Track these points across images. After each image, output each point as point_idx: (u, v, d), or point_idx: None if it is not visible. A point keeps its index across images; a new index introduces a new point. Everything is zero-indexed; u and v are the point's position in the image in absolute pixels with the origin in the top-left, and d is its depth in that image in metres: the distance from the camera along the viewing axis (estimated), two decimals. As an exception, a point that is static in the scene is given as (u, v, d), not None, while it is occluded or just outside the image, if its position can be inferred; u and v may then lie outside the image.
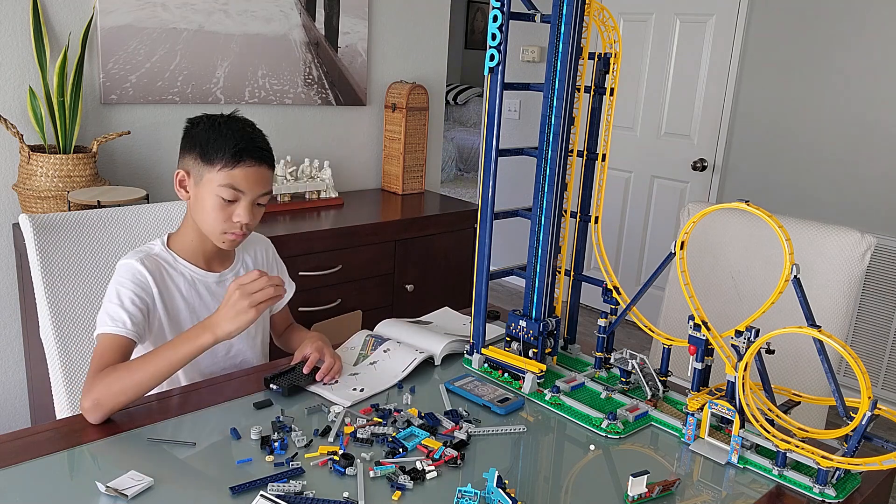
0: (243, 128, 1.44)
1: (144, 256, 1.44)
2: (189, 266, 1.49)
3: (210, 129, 1.42)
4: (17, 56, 2.24)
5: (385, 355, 1.54)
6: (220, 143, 1.39)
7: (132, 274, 1.42)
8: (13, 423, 2.44)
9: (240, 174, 1.40)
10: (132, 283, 1.41)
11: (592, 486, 1.18)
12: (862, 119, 3.23)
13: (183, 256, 1.50)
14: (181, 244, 1.50)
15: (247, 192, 1.42)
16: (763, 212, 1.20)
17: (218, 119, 1.44)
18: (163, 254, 1.48)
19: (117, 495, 1.05)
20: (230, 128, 1.42)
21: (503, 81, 1.41)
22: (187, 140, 1.45)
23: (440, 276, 2.87)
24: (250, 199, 1.43)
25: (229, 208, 1.42)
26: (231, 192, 1.40)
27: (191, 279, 1.49)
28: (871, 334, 3.27)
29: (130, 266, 1.42)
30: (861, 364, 1.10)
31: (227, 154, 1.39)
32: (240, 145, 1.39)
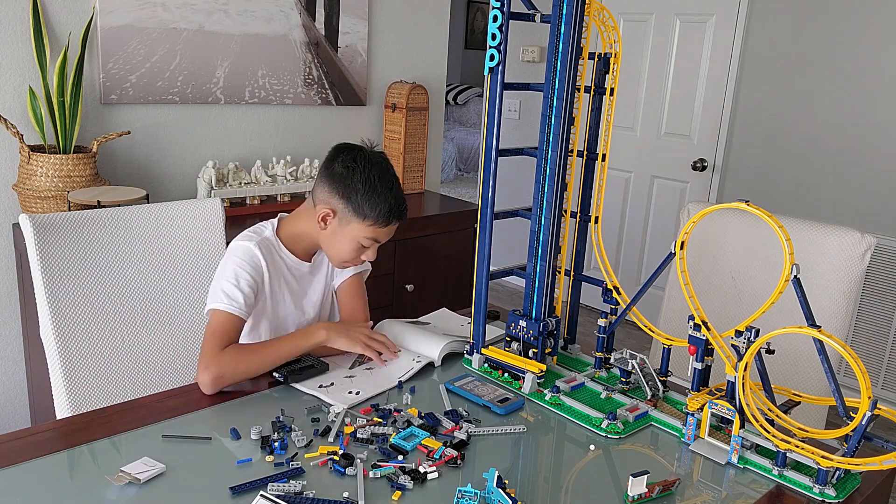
0: (393, 184, 1.54)
1: (260, 241, 1.56)
2: (289, 255, 1.62)
3: (367, 184, 1.50)
4: (17, 56, 2.24)
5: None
6: (375, 203, 1.51)
7: (249, 256, 1.53)
8: (13, 423, 2.44)
9: (385, 231, 1.55)
10: (249, 265, 1.52)
11: (592, 486, 1.18)
12: (862, 119, 3.23)
13: (286, 245, 1.61)
14: (290, 235, 1.62)
15: (382, 241, 1.57)
16: (763, 212, 1.20)
17: (373, 170, 1.52)
18: (272, 239, 1.60)
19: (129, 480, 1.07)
20: (384, 184, 1.51)
21: (503, 81, 1.41)
22: (337, 183, 1.52)
23: (440, 276, 2.87)
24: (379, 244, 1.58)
25: (362, 250, 1.57)
26: (371, 242, 1.56)
27: (291, 268, 1.62)
28: (871, 334, 3.27)
29: (248, 249, 1.53)
30: (861, 364, 1.10)
31: (382, 215, 1.52)
32: (394, 211, 1.52)
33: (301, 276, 1.64)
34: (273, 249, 1.58)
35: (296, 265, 1.62)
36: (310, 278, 1.66)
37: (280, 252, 1.60)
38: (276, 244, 1.59)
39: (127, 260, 1.71)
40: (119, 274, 1.69)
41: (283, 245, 1.60)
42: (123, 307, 1.69)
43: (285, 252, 1.61)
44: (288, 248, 1.61)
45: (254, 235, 1.57)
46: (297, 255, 1.62)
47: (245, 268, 1.51)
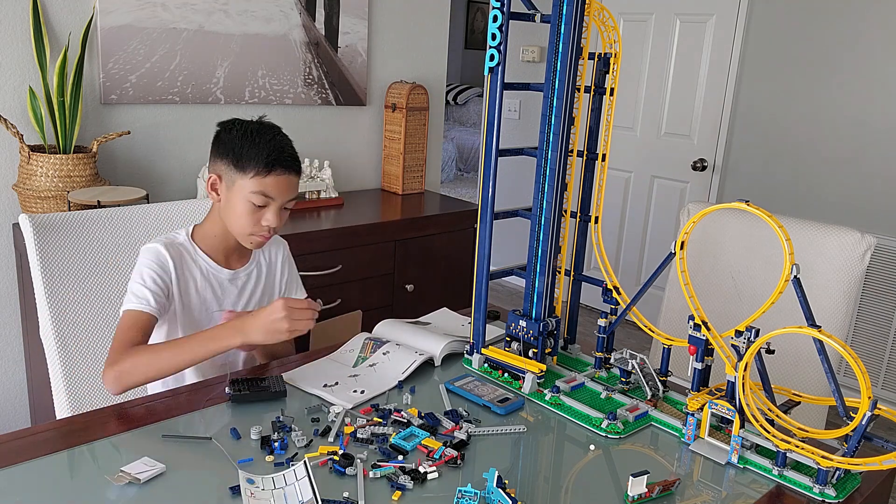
0: (274, 136, 1.49)
1: (168, 243, 1.52)
2: (207, 260, 1.56)
3: (243, 137, 1.46)
4: (17, 56, 2.24)
5: (384, 357, 1.54)
6: (252, 153, 1.45)
7: (155, 256, 1.49)
8: (13, 423, 2.44)
9: (271, 182, 1.46)
10: (156, 264, 1.48)
11: (592, 486, 1.18)
12: (862, 119, 3.23)
13: (203, 249, 1.56)
14: (204, 237, 1.57)
15: (276, 199, 1.48)
16: (763, 212, 1.20)
17: (250, 126, 1.49)
18: (186, 244, 1.55)
19: (129, 480, 1.07)
20: (262, 136, 1.47)
21: (503, 81, 1.41)
22: (220, 145, 1.50)
23: (440, 276, 2.87)
24: (279, 205, 1.50)
25: (258, 213, 1.48)
26: (262, 199, 1.47)
27: (206, 272, 1.56)
28: (871, 334, 3.27)
29: (155, 249, 1.50)
30: (861, 364, 1.10)
31: (260, 163, 1.45)
32: (272, 155, 1.45)
33: (220, 282, 1.57)
34: (185, 252, 1.54)
35: (214, 270, 1.56)
36: (231, 287, 1.59)
37: (195, 255, 1.55)
38: (191, 248, 1.55)
39: (127, 260, 1.71)
40: (119, 274, 1.69)
41: (199, 248, 1.55)
42: (123, 307, 1.69)
43: (201, 255, 1.55)
44: (208, 254, 1.56)
45: (164, 238, 1.53)
46: (217, 260, 1.57)
47: (151, 266, 1.47)
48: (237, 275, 1.60)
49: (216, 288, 1.57)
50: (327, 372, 1.48)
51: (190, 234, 1.57)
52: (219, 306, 1.57)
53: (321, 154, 3.00)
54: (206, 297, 1.56)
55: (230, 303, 1.59)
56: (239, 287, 1.60)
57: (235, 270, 1.60)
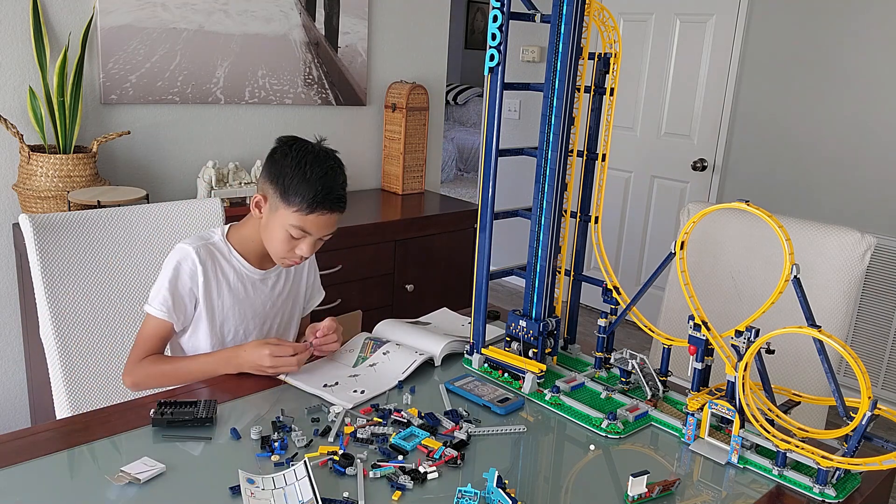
0: (327, 172, 1.47)
1: (202, 245, 1.53)
2: (241, 260, 1.58)
3: (296, 167, 1.46)
4: (17, 56, 2.24)
5: (385, 357, 1.54)
6: (301, 187, 1.45)
7: (186, 260, 1.51)
8: (13, 423, 2.44)
9: (312, 220, 1.47)
10: (184, 270, 1.51)
11: (592, 486, 1.18)
12: (862, 119, 3.23)
13: (238, 250, 1.58)
14: (240, 239, 1.59)
15: (314, 234, 1.50)
16: (763, 212, 1.20)
17: (306, 157, 1.47)
18: (220, 244, 1.57)
19: (129, 480, 1.07)
20: (314, 171, 1.46)
21: (503, 81, 1.41)
22: (272, 167, 1.50)
23: (440, 276, 2.87)
24: (315, 238, 1.52)
25: (294, 242, 1.50)
26: (300, 232, 1.49)
27: (240, 273, 1.58)
28: (871, 334, 3.27)
29: (185, 252, 1.51)
30: (861, 364, 1.10)
31: (305, 201, 1.45)
32: (319, 195, 1.45)
33: (252, 283, 1.59)
34: (218, 253, 1.55)
35: (247, 271, 1.58)
36: (261, 287, 1.61)
37: (230, 259, 1.56)
38: (225, 248, 1.56)
39: (127, 260, 1.71)
40: (119, 274, 1.69)
41: (234, 250, 1.57)
42: (123, 307, 1.69)
43: (236, 256, 1.57)
44: (240, 253, 1.57)
45: (198, 239, 1.54)
46: (251, 261, 1.58)
47: (180, 272, 1.50)
48: (268, 275, 1.62)
49: (248, 287, 1.59)
50: (327, 372, 1.48)
51: (225, 233, 1.59)
52: (251, 305, 1.60)
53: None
54: (238, 297, 1.58)
55: (261, 301, 1.62)
56: (269, 286, 1.63)
57: (266, 270, 1.61)
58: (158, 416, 1.24)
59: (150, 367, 1.48)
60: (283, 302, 1.66)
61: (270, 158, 1.52)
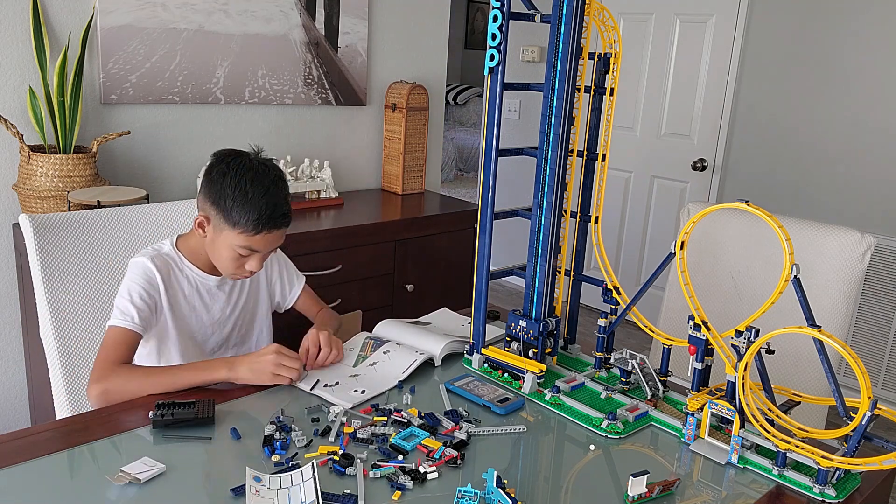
0: (268, 189, 1.45)
1: (155, 255, 1.52)
2: (193, 269, 1.56)
3: (236, 188, 1.43)
4: (17, 56, 2.24)
5: (385, 357, 1.54)
6: (243, 209, 1.43)
7: (142, 271, 1.50)
8: (13, 423, 2.43)
9: (259, 239, 1.46)
10: (142, 279, 1.49)
11: (592, 486, 1.18)
12: (862, 119, 3.23)
13: (189, 259, 1.56)
14: (189, 248, 1.57)
15: (262, 251, 1.50)
16: (763, 212, 1.20)
17: (245, 174, 1.45)
18: (172, 254, 1.55)
19: (129, 480, 1.07)
20: (256, 190, 1.43)
21: (503, 81, 1.41)
22: (211, 188, 1.47)
23: (440, 276, 2.87)
24: (264, 254, 1.51)
25: (243, 259, 1.49)
26: (247, 251, 1.48)
27: (193, 282, 1.57)
28: (871, 334, 3.27)
29: (142, 264, 1.50)
30: (861, 364, 1.10)
31: (250, 223, 1.43)
32: (264, 217, 1.43)
33: (208, 289, 1.58)
34: (172, 263, 1.54)
35: (201, 278, 1.57)
36: (219, 293, 1.60)
37: (182, 265, 1.55)
38: (177, 258, 1.55)
39: (127, 260, 1.70)
40: (119, 274, 1.69)
41: (185, 259, 1.56)
42: (123, 307, 1.69)
43: (188, 265, 1.56)
44: (193, 263, 1.56)
45: (150, 251, 1.53)
46: (203, 268, 1.57)
47: (138, 282, 1.48)
48: (224, 281, 1.60)
49: (204, 295, 1.58)
50: (327, 372, 1.48)
51: (174, 243, 1.57)
52: (208, 312, 1.58)
53: (321, 154, 3.00)
54: (195, 305, 1.57)
55: (219, 307, 1.60)
56: (227, 292, 1.61)
57: (222, 277, 1.59)
58: (158, 417, 1.24)
59: (128, 374, 1.38)
60: (243, 305, 1.65)
61: (207, 177, 1.48)
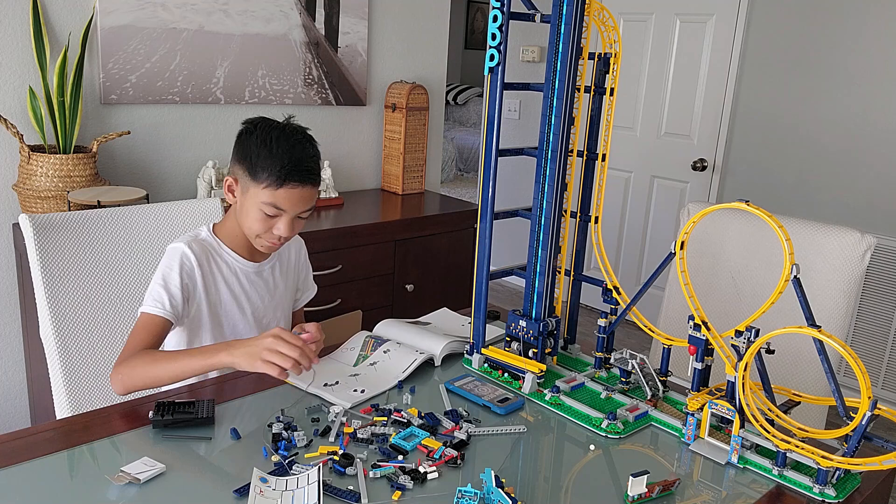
0: (293, 146, 1.45)
1: (193, 240, 1.51)
2: (232, 254, 1.56)
3: (261, 144, 1.44)
4: (17, 56, 2.24)
5: (385, 356, 1.54)
6: (267, 162, 1.42)
7: (179, 257, 1.48)
8: (13, 423, 2.44)
9: (283, 195, 1.44)
10: (178, 265, 1.47)
11: (592, 486, 1.18)
12: (862, 119, 3.23)
13: (227, 244, 1.56)
14: (227, 233, 1.57)
15: (288, 211, 1.47)
16: (763, 212, 1.20)
17: (272, 132, 1.46)
18: (209, 239, 1.55)
19: (129, 480, 1.07)
20: (280, 145, 1.44)
21: (503, 81, 1.41)
22: (240, 148, 1.48)
23: (440, 276, 2.87)
24: (291, 216, 1.48)
25: (271, 221, 1.47)
26: (273, 209, 1.46)
27: (233, 267, 1.57)
28: (871, 334, 3.27)
29: (179, 250, 1.49)
30: (861, 364, 1.10)
31: (273, 175, 1.42)
32: (286, 168, 1.42)
33: (247, 275, 1.58)
34: (210, 249, 1.53)
35: (241, 265, 1.57)
36: (258, 280, 1.59)
37: (221, 253, 1.55)
38: (215, 244, 1.55)
39: (127, 260, 1.71)
40: (119, 274, 1.69)
41: (224, 244, 1.55)
42: (123, 307, 1.69)
43: (227, 251, 1.55)
44: (231, 248, 1.56)
45: (188, 237, 1.53)
46: (242, 254, 1.57)
47: (174, 269, 1.46)
48: (261, 267, 1.60)
49: (244, 281, 1.58)
50: (327, 371, 1.48)
51: (211, 230, 1.57)
52: (247, 299, 1.58)
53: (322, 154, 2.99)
54: (235, 291, 1.56)
55: (259, 295, 1.60)
56: (264, 280, 1.61)
57: (260, 263, 1.60)
58: (158, 417, 1.23)
59: (137, 359, 1.35)
60: (279, 295, 1.66)
61: (238, 140, 1.49)
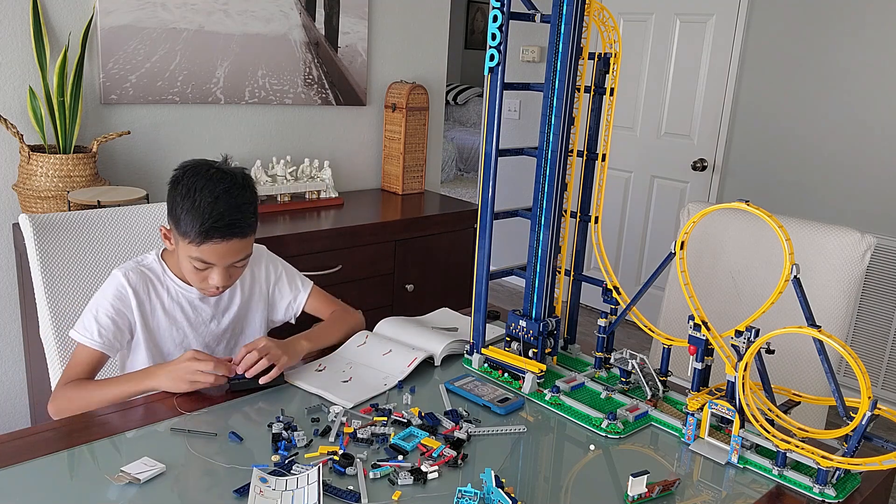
0: (218, 197, 1.38)
1: (132, 269, 1.49)
2: (175, 280, 1.52)
3: (186, 195, 1.38)
4: (17, 56, 2.24)
5: (384, 358, 1.54)
6: (189, 217, 1.37)
7: (115, 288, 1.47)
8: (13, 423, 2.43)
9: (208, 250, 1.40)
10: (113, 295, 1.46)
11: (592, 486, 1.18)
12: (862, 119, 3.23)
13: (173, 270, 1.53)
14: (173, 259, 1.53)
15: (218, 264, 1.43)
16: (763, 212, 1.20)
17: (197, 181, 1.39)
18: (154, 265, 1.52)
19: (129, 480, 1.07)
20: (203, 197, 1.37)
21: (503, 81, 1.41)
22: (168, 199, 1.43)
23: (440, 276, 2.87)
24: (223, 268, 1.44)
25: (203, 272, 1.44)
26: (202, 263, 1.42)
27: (175, 293, 1.53)
28: (871, 334, 3.27)
29: (115, 278, 1.48)
30: (861, 364, 1.10)
31: (194, 231, 1.38)
32: (206, 224, 1.37)
33: (190, 301, 1.53)
34: (151, 276, 1.50)
35: (184, 291, 1.52)
36: (202, 306, 1.54)
37: (164, 280, 1.51)
38: (160, 269, 1.51)
39: (127, 260, 1.71)
40: (119, 274, 1.69)
41: (169, 271, 1.52)
42: (123, 307, 1.69)
43: (170, 276, 1.51)
44: (176, 275, 1.52)
45: (130, 263, 1.50)
46: (188, 280, 1.51)
47: (108, 298, 1.45)
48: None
49: (186, 307, 1.53)
50: (327, 371, 1.48)
51: (160, 255, 1.54)
52: (190, 325, 1.53)
53: (321, 154, 3.00)
54: (175, 318, 1.52)
55: (204, 320, 1.55)
56: (212, 304, 1.56)
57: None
58: (236, 380, 1.36)
59: (73, 390, 1.38)
60: (237, 314, 1.60)
61: (169, 190, 1.43)
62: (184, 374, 1.34)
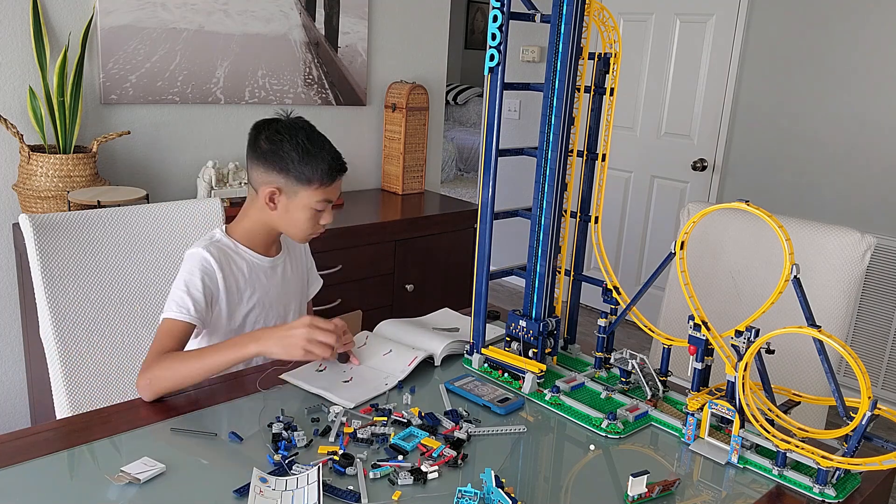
0: (323, 141, 1.53)
1: (211, 244, 1.54)
2: (249, 252, 1.59)
3: (297, 148, 1.49)
4: (17, 56, 2.24)
5: (385, 358, 1.54)
6: (314, 163, 1.50)
7: (200, 262, 1.51)
8: (13, 423, 2.44)
9: (332, 188, 1.54)
10: (199, 271, 1.50)
11: (592, 486, 1.18)
12: (862, 119, 3.23)
13: (243, 243, 1.59)
14: (242, 233, 1.60)
15: (334, 199, 1.57)
16: (763, 212, 1.20)
17: (298, 134, 1.51)
18: (226, 240, 1.58)
19: (129, 480, 1.07)
20: (314, 144, 1.51)
21: (503, 81, 1.41)
22: (273, 160, 1.50)
23: (440, 276, 2.87)
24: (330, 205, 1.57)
25: (318, 215, 1.55)
26: (324, 204, 1.54)
27: (251, 263, 1.59)
28: (871, 334, 3.27)
29: (199, 255, 1.51)
30: (861, 364, 1.10)
31: (323, 174, 1.50)
32: (333, 165, 1.52)
33: (264, 271, 1.61)
34: (228, 250, 1.55)
35: (258, 261, 1.60)
36: (272, 274, 1.63)
37: (238, 252, 1.57)
38: (232, 244, 1.57)
39: (127, 260, 1.71)
40: (119, 274, 1.69)
41: (240, 244, 1.58)
42: (123, 307, 1.69)
43: (245, 250, 1.58)
44: (247, 246, 1.58)
45: (205, 241, 1.55)
46: (259, 251, 1.60)
47: (195, 274, 1.48)
48: (275, 262, 1.64)
49: (261, 277, 1.61)
50: (328, 371, 1.48)
51: (224, 231, 1.59)
52: (266, 293, 1.61)
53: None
54: (255, 287, 1.59)
55: (275, 288, 1.63)
56: (279, 273, 1.65)
57: (273, 258, 1.63)
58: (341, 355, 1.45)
59: (162, 362, 1.35)
60: (294, 286, 1.70)
61: (260, 152, 1.51)
62: (299, 342, 1.34)
